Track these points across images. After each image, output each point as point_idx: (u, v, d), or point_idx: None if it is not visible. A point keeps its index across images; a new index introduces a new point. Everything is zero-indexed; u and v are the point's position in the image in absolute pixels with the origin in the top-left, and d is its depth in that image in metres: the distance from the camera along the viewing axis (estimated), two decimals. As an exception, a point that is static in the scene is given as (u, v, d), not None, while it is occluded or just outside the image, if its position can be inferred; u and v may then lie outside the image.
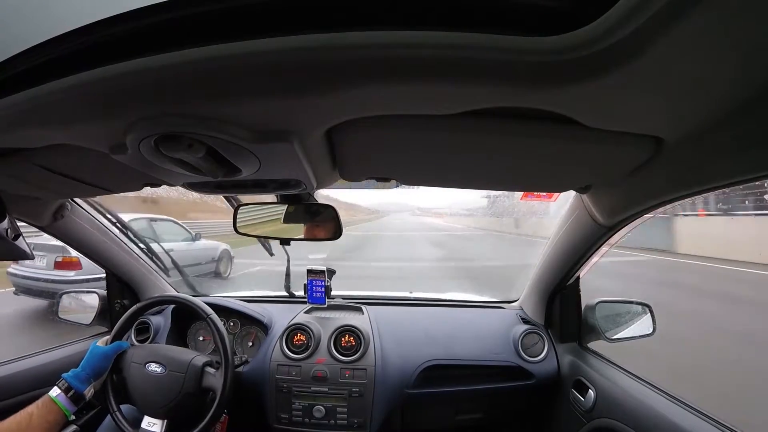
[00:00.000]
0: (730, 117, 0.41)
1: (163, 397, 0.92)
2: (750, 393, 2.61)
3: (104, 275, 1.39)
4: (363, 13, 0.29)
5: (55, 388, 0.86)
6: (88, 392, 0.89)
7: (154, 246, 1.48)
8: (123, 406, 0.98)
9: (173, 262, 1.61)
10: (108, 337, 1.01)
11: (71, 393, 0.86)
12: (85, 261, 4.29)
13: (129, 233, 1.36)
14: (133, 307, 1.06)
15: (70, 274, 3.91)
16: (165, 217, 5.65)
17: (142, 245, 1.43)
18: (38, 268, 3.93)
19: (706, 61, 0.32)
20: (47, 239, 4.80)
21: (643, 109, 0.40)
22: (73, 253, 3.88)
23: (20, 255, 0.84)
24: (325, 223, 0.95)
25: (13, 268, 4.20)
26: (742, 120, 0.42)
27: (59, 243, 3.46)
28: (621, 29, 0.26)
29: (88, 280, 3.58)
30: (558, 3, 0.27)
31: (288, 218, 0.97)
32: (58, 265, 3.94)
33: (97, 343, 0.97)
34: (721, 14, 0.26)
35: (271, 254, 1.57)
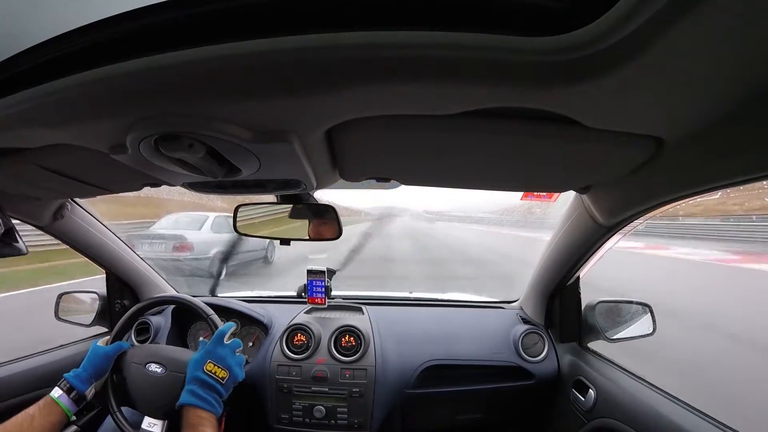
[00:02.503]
0: (730, 117, 0.41)
1: (163, 398, 0.92)
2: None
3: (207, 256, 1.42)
4: (363, 13, 0.29)
5: (57, 388, 0.85)
6: (90, 392, 0.89)
7: (231, 236, 1.50)
8: (124, 409, 0.98)
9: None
10: (108, 337, 1.01)
11: (73, 393, 0.85)
12: (195, 242, 5.46)
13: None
14: (134, 308, 1.06)
15: (186, 255, 5.43)
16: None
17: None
18: (158, 251, 5.39)
19: (706, 61, 0.32)
20: (166, 230, 5.78)
21: (643, 109, 0.40)
22: (188, 239, 5.61)
23: (9, 252, 0.78)
24: (325, 223, 0.95)
25: (129, 254, 5.36)
26: (742, 120, 0.42)
27: (177, 232, 4.66)
28: (621, 29, 0.26)
29: (199, 259, 5.41)
30: (558, 3, 0.27)
31: (288, 218, 0.97)
32: (176, 249, 5.41)
33: (98, 343, 0.97)
34: (720, 14, 0.26)
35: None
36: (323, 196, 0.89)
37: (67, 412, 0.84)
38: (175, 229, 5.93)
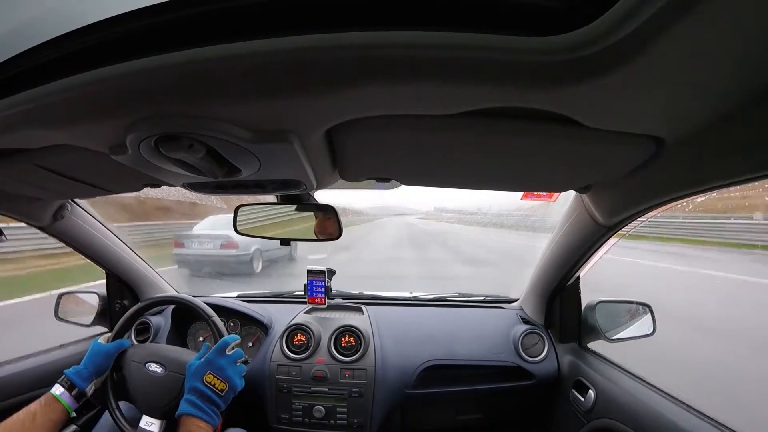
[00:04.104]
0: (730, 117, 0.41)
1: (162, 398, 0.92)
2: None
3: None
4: (363, 13, 0.29)
5: (58, 385, 0.85)
6: (90, 390, 0.89)
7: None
8: (122, 406, 0.98)
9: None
10: (109, 334, 1.01)
11: (74, 391, 0.85)
12: (239, 240, 6.45)
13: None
14: (134, 307, 1.06)
15: (232, 251, 6.42)
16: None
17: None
18: (208, 249, 6.51)
19: (706, 61, 0.32)
20: (211, 230, 6.80)
21: (643, 109, 0.40)
22: (234, 238, 6.34)
23: None
24: (325, 223, 0.95)
25: (178, 251, 6.63)
26: (742, 120, 0.42)
27: (223, 232, 5.49)
28: (621, 29, 0.26)
29: (242, 254, 6.49)
30: (558, 3, 0.27)
31: (288, 218, 0.97)
32: (223, 246, 6.42)
33: (99, 341, 0.97)
34: (720, 14, 0.26)
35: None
36: (323, 196, 0.89)
37: (68, 409, 0.84)
38: (215, 229, 6.75)
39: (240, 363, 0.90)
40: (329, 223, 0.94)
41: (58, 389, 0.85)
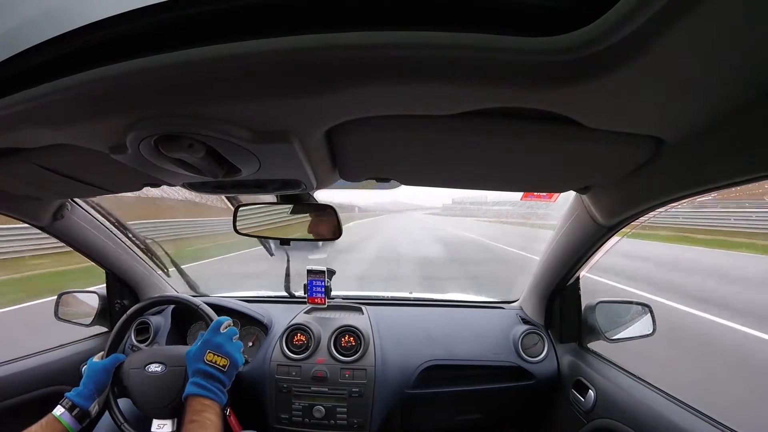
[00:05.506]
0: (730, 117, 0.41)
1: (167, 395, 0.92)
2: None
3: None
4: (363, 13, 0.29)
5: (59, 407, 0.85)
6: (93, 408, 0.88)
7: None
8: (129, 415, 0.97)
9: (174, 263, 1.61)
10: (102, 352, 1.00)
11: (75, 411, 0.85)
12: None
13: (128, 233, 1.36)
14: (131, 310, 1.05)
15: None
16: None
17: (141, 245, 1.42)
18: None
19: (706, 62, 0.32)
20: None
21: (643, 109, 0.40)
22: None
23: None
24: (324, 223, 0.95)
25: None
26: (742, 120, 0.42)
27: None
28: (621, 30, 0.26)
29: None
30: (558, 3, 0.27)
31: (287, 218, 0.97)
32: None
33: (93, 359, 0.96)
34: (720, 15, 0.26)
35: (272, 254, 1.59)
36: (323, 195, 0.89)
37: (70, 430, 0.83)
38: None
39: (236, 340, 0.90)
40: (329, 223, 0.94)
41: (58, 410, 0.84)
